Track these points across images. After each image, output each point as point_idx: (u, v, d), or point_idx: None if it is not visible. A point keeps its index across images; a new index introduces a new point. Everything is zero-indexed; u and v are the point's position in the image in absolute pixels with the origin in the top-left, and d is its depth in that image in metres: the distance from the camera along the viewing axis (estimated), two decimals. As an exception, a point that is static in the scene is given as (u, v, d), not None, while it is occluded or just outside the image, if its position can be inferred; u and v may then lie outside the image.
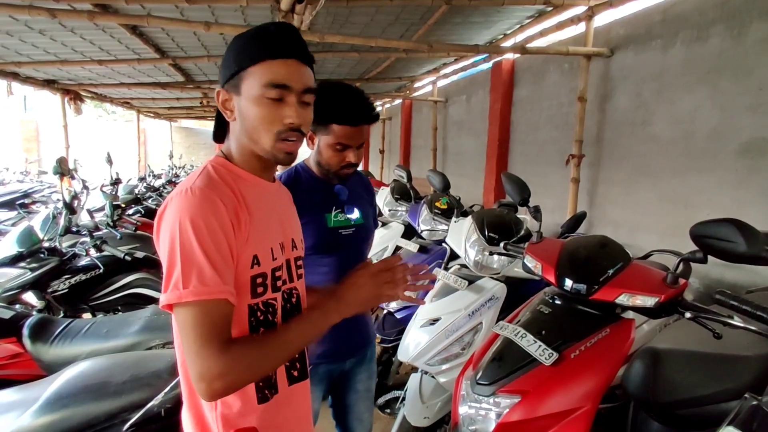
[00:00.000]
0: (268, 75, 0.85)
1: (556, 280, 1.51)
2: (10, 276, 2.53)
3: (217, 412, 0.87)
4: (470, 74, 6.52)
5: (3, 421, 1.30)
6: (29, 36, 4.40)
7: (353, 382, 1.58)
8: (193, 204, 0.80)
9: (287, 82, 0.86)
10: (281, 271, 0.94)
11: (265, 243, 0.91)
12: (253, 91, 0.86)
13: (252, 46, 0.87)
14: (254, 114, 0.86)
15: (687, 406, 1.43)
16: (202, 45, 4.97)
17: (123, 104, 9.91)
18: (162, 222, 0.83)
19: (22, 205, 5.85)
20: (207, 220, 0.80)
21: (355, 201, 1.52)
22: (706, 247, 1.29)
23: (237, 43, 0.90)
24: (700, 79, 3.01)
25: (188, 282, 0.78)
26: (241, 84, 0.87)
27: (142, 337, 1.88)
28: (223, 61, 0.91)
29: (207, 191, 0.82)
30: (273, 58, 0.86)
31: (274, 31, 0.88)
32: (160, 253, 0.83)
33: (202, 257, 0.78)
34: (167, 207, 0.83)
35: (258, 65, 0.85)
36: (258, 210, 0.90)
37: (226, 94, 0.90)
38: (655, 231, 3.38)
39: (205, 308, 0.78)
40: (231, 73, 0.88)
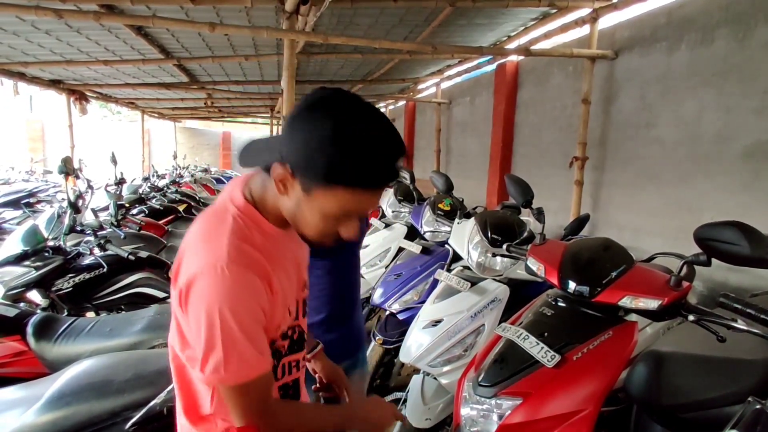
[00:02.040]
0: (353, 204, 0.76)
1: (559, 282, 1.50)
2: (14, 274, 2.55)
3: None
4: (474, 76, 6.52)
5: (7, 419, 1.31)
6: (36, 36, 4.44)
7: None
8: (230, 290, 0.75)
9: (365, 213, 0.80)
10: (293, 331, 0.95)
11: (284, 308, 0.88)
12: (329, 208, 0.76)
13: (357, 166, 0.71)
14: (315, 222, 0.79)
15: (690, 410, 1.42)
16: (207, 46, 4.99)
17: (128, 104, 9.96)
18: (192, 297, 0.77)
19: (27, 204, 5.87)
20: (246, 305, 0.77)
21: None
22: (709, 249, 1.28)
23: (339, 146, 0.70)
24: (705, 82, 3.00)
25: (230, 366, 0.76)
26: (319, 193, 0.75)
27: (145, 336, 1.89)
28: (304, 136, 0.72)
29: (242, 271, 0.76)
30: (371, 188, 0.75)
31: (388, 155, 0.74)
32: (191, 326, 0.79)
33: (244, 342, 0.76)
34: (197, 283, 0.76)
35: (353, 190, 0.74)
36: (282, 268, 0.86)
37: (290, 177, 0.76)
38: (658, 234, 3.37)
39: (249, 386, 0.79)
40: (314, 173, 0.73)
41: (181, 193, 6.86)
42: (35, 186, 7.22)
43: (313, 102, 0.75)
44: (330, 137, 0.70)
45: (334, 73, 6.65)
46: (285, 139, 0.76)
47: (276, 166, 0.77)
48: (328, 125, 0.71)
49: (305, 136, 0.72)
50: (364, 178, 0.73)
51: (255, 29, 3.69)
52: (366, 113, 0.74)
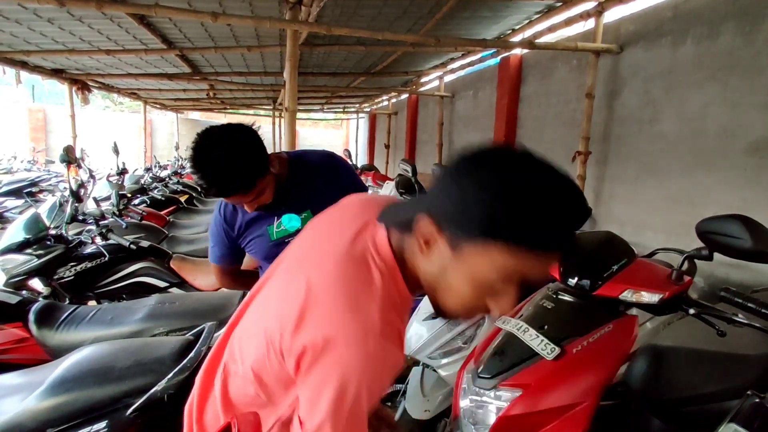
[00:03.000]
0: (514, 267, 0.60)
1: (560, 275, 1.50)
2: (17, 262, 2.56)
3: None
4: (477, 69, 6.48)
5: (8, 404, 1.32)
6: (38, 25, 4.42)
7: None
8: (375, 369, 0.65)
9: (537, 278, 0.62)
10: None
11: None
12: (482, 271, 0.61)
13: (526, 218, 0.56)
14: (463, 289, 0.65)
15: (689, 404, 1.42)
16: (210, 36, 4.97)
17: (130, 95, 9.93)
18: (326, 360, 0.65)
19: (29, 193, 5.89)
20: (382, 386, 0.68)
21: (305, 197, 1.38)
22: (711, 243, 1.28)
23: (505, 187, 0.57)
24: (711, 77, 2.98)
25: None
26: (467, 246, 0.61)
27: (146, 324, 1.90)
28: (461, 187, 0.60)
29: (390, 348, 0.66)
30: (541, 249, 0.59)
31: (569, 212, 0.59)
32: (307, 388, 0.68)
33: (363, 426, 0.68)
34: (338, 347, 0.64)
35: (514, 249, 0.58)
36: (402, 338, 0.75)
37: (436, 232, 0.64)
38: (661, 230, 3.36)
39: None
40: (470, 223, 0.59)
41: (182, 183, 6.86)
42: (37, 175, 7.24)
43: (477, 154, 0.62)
44: (495, 185, 0.57)
45: (337, 65, 6.62)
46: (435, 194, 0.64)
47: (421, 217, 0.64)
48: (495, 174, 0.58)
49: (462, 187, 0.60)
50: (533, 235, 0.57)
51: (258, 19, 3.67)
52: (543, 165, 0.59)
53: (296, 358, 0.68)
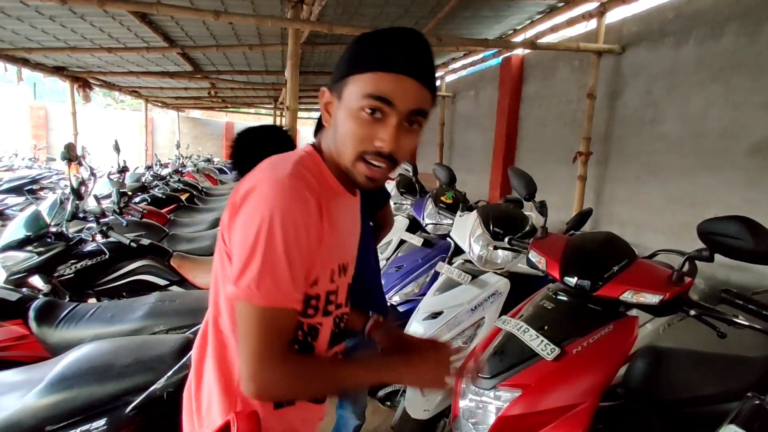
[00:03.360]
0: (371, 86, 0.75)
1: (561, 276, 1.50)
2: (17, 259, 2.56)
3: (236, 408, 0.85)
4: (479, 69, 6.47)
5: (8, 400, 1.32)
6: (39, 22, 4.42)
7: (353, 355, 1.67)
8: (286, 198, 0.74)
9: (391, 97, 0.75)
10: (335, 295, 0.89)
11: (330, 263, 0.85)
12: (353, 100, 0.77)
13: (368, 52, 0.77)
14: (347, 127, 0.78)
15: (689, 406, 1.42)
16: (211, 34, 4.96)
17: (131, 93, 9.94)
18: (245, 206, 0.76)
19: (30, 190, 5.90)
20: (297, 220, 0.74)
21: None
22: (713, 244, 1.28)
23: (356, 44, 0.81)
24: (713, 77, 2.98)
25: (262, 283, 0.73)
26: (344, 89, 0.79)
27: (146, 322, 1.90)
28: (338, 60, 0.83)
29: (299, 185, 0.76)
30: (385, 70, 0.75)
31: (400, 39, 0.78)
32: (235, 238, 0.77)
33: (284, 261, 0.74)
34: (254, 192, 0.75)
35: (367, 74, 0.76)
36: (334, 224, 0.82)
37: (329, 95, 0.83)
38: (662, 231, 3.36)
39: (273, 314, 0.75)
40: (340, 75, 0.80)
41: (183, 182, 6.86)
42: (38, 173, 7.25)
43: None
44: (352, 45, 0.80)
45: (338, 64, 6.61)
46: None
47: (321, 93, 0.85)
48: (353, 43, 0.81)
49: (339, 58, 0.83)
50: (377, 60, 0.76)
51: (260, 18, 3.66)
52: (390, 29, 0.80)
53: (228, 223, 0.79)
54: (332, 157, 0.84)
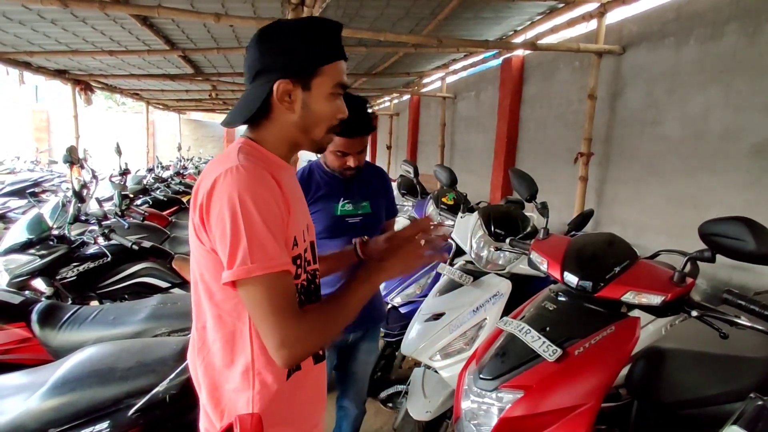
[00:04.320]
0: (339, 75, 0.92)
1: (562, 277, 1.50)
2: (20, 262, 2.57)
3: (254, 390, 0.89)
4: (479, 70, 6.48)
5: (11, 403, 1.32)
6: (41, 26, 4.43)
7: (357, 353, 1.80)
8: (248, 180, 0.81)
9: (347, 82, 0.94)
10: (308, 253, 0.98)
11: (299, 225, 0.94)
12: (326, 89, 0.91)
13: (326, 44, 0.91)
14: (324, 110, 0.92)
15: (691, 407, 1.42)
16: (212, 37, 4.98)
17: (132, 95, 9.96)
18: (214, 200, 0.82)
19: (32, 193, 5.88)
20: (264, 196, 0.82)
21: (366, 192, 1.69)
22: (714, 245, 1.28)
23: (305, 35, 0.90)
24: (713, 78, 2.98)
25: (255, 256, 0.79)
26: (312, 80, 0.90)
27: (148, 324, 1.90)
28: (284, 50, 0.89)
29: (256, 168, 0.84)
30: (342, 59, 0.93)
31: (334, 27, 0.93)
32: (216, 231, 0.83)
33: (266, 231, 0.80)
34: (217, 185, 0.82)
35: (332, 65, 0.91)
36: (290, 192, 0.92)
37: (289, 85, 0.89)
38: (663, 231, 3.35)
39: (274, 280, 0.81)
40: (303, 68, 0.89)
41: (184, 184, 6.88)
42: (40, 175, 7.26)
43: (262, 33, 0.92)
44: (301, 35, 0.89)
45: (339, 66, 6.62)
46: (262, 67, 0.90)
47: (278, 86, 0.88)
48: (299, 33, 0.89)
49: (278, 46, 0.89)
50: (332, 51, 0.91)
51: (260, 20, 3.67)
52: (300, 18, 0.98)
53: (200, 222, 0.85)
54: (282, 138, 0.95)
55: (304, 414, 0.99)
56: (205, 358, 0.94)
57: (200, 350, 0.95)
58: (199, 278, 0.91)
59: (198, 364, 0.95)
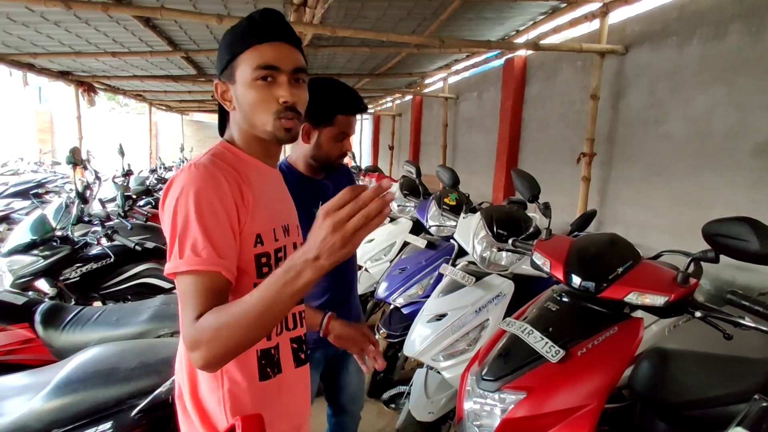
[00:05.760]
0: (256, 59, 0.89)
1: (565, 277, 1.49)
2: (23, 263, 2.58)
3: (224, 389, 0.90)
4: (482, 71, 6.47)
5: (15, 404, 1.33)
6: (44, 27, 4.45)
7: (346, 363, 1.69)
8: (195, 178, 0.83)
9: (276, 63, 0.89)
10: (283, 253, 0.96)
11: (268, 224, 0.93)
12: (246, 76, 0.90)
13: (240, 35, 0.92)
14: (250, 98, 0.90)
15: (695, 408, 1.41)
16: (215, 38, 4.99)
17: (135, 97, 9.99)
18: (167, 196, 0.86)
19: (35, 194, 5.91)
20: (207, 194, 0.82)
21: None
22: (718, 245, 1.27)
23: (228, 35, 0.95)
24: (717, 78, 2.96)
25: (183, 252, 0.81)
26: (234, 72, 0.91)
27: (151, 325, 1.91)
28: (218, 54, 0.96)
29: (210, 167, 0.86)
30: (260, 42, 0.90)
31: (259, 18, 0.93)
32: (163, 226, 0.86)
33: (197, 229, 0.81)
34: (172, 183, 0.86)
35: (247, 51, 0.90)
36: (261, 191, 0.93)
37: (223, 85, 0.95)
38: (666, 231, 3.34)
39: (195, 279, 0.80)
40: (224, 63, 0.93)
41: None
42: (44, 177, 7.29)
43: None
44: (224, 37, 0.95)
45: (341, 66, 6.62)
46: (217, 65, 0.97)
47: (216, 87, 0.95)
48: (224, 36, 0.96)
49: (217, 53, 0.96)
50: (252, 36, 0.91)
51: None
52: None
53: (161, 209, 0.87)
54: (246, 137, 0.95)
55: (286, 415, 0.99)
56: (183, 358, 0.95)
57: (179, 353, 0.97)
58: None
59: (179, 366, 0.98)
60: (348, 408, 1.78)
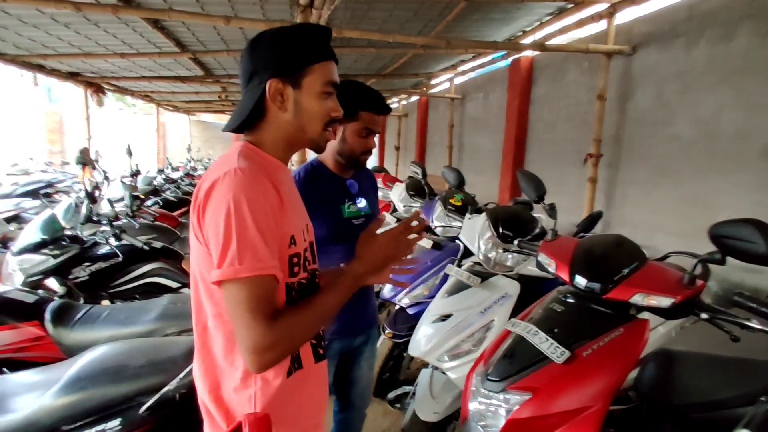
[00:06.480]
0: (329, 75, 0.95)
1: (570, 278, 1.49)
2: (33, 262, 2.61)
3: (256, 387, 0.91)
4: (488, 71, 6.47)
5: (26, 400, 1.35)
6: (55, 29, 4.51)
7: (359, 359, 1.73)
8: (245, 183, 0.84)
9: (337, 81, 0.97)
10: (308, 252, 1.00)
11: (297, 224, 0.96)
12: (317, 87, 0.94)
13: (315, 46, 0.95)
14: (315, 107, 0.95)
15: (701, 410, 1.41)
16: (222, 39, 5.02)
17: (143, 97, 10.08)
18: (211, 200, 0.86)
19: (45, 194, 6.00)
20: (259, 199, 0.84)
21: (363, 193, 1.67)
22: (724, 247, 1.26)
23: (292, 38, 0.94)
24: (725, 79, 2.95)
25: (244, 258, 0.82)
26: (302, 79, 0.93)
27: (158, 324, 1.93)
28: (273, 50, 0.94)
29: (254, 172, 0.87)
30: (330, 59, 0.96)
31: (326, 34, 0.98)
32: (209, 231, 0.86)
33: (256, 234, 0.83)
34: (216, 186, 0.85)
35: (322, 64, 0.94)
36: (289, 193, 0.95)
37: (282, 86, 0.93)
38: (673, 233, 3.32)
39: (257, 283, 0.83)
40: (293, 67, 0.93)
41: (194, 185, 6.93)
42: (53, 177, 7.36)
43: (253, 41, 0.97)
44: (287, 38, 0.94)
45: (348, 67, 6.65)
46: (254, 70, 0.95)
47: (270, 84, 0.92)
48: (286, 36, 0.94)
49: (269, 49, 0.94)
50: (321, 52, 0.95)
51: (269, 22, 3.70)
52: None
53: (197, 223, 0.88)
54: (279, 138, 0.98)
55: (306, 413, 1.00)
56: (206, 358, 0.95)
57: (200, 351, 0.97)
58: (200, 278, 0.92)
59: (199, 365, 0.97)
60: (356, 403, 1.80)
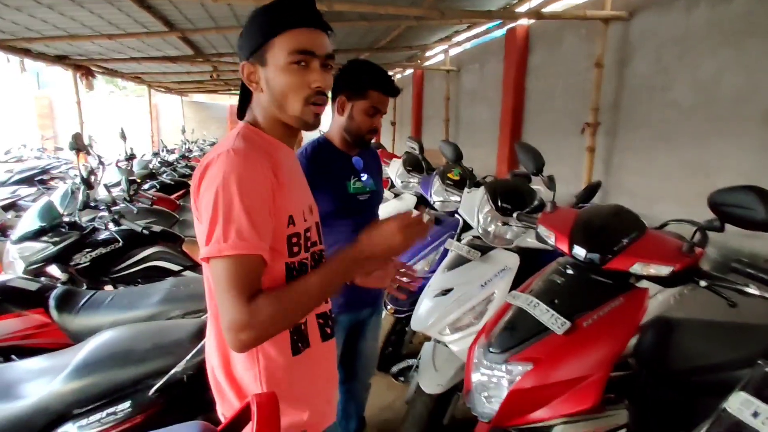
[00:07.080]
0: (292, 43, 0.89)
1: (570, 250, 1.50)
2: (34, 249, 2.61)
3: (260, 365, 0.93)
4: (483, 42, 6.34)
5: (36, 386, 1.37)
6: (38, 11, 4.38)
7: (365, 330, 1.81)
8: (236, 163, 0.84)
9: (310, 48, 0.90)
10: (311, 233, 0.99)
11: (297, 204, 0.96)
12: (280, 59, 0.90)
13: (274, 18, 0.91)
14: (282, 82, 0.91)
15: (700, 374, 1.43)
16: (210, 17, 4.90)
17: (134, 79, 9.90)
18: (204, 180, 0.87)
19: (41, 181, 5.97)
20: (249, 179, 0.84)
21: (368, 170, 1.69)
22: (723, 214, 1.27)
23: (258, 16, 0.93)
24: (725, 42, 2.89)
25: (228, 236, 0.82)
26: (266, 55, 0.91)
27: (162, 307, 1.94)
28: (244, 35, 0.94)
29: (248, 152, 0.87)
30: (295, 27, 0.90)
31: (292, 2, 0.92)
32: (201, 209, 0.87)
33: (242, 213, 0.83)
34: (210, 166, 0.86)
35: (282, 35, 0.89)
36: (288, 173, 0.94)
37: (251, 66, 0.94)
38: (673, 200, 3.32)
39: (240, 262, 0.83)
40: (255, 45, 0.92)
41: (190, 167, 6.90)
42: (47, 163, 7.31)
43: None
44: (254, 18, 0.93)
45: (339, 41, 6.50)
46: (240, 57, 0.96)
47: (242, 69, 0.94)
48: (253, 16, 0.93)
49: (243, 33, 0.94)
50: (282, 22, 0.90)
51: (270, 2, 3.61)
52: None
53: (194, 197, 0.89)
54: (270, 119, 0.96)
55: (315, 389, 1.02)
56: (217, 335, 0.97)
57: (212, 328, 0.99)
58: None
59: (210, 342, 0.99)
60: (360, 374, 1.88)
